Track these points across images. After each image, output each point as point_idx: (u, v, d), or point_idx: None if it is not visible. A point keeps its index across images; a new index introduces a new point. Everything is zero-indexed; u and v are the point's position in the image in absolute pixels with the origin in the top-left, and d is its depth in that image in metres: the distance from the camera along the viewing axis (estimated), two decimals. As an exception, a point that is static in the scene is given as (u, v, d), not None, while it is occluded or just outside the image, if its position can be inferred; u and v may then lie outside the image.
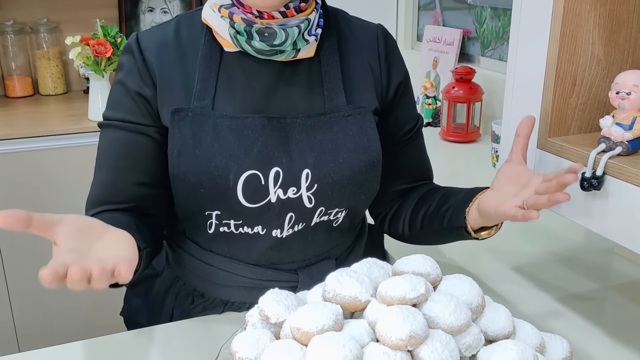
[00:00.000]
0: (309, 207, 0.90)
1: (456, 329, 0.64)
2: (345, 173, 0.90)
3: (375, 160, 0.93)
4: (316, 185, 0.89)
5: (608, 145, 0.82)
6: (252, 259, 0.95)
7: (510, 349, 0.61)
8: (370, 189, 0.95)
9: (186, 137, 0.87)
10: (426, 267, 0.73)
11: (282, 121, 0.89)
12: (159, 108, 0.90)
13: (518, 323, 0.70)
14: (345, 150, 0.90)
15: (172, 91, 0.89)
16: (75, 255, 0.65)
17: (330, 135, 0.90)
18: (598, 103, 0.91)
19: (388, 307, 0.64)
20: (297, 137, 0.89)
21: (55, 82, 2.53)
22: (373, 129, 0.93)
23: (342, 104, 0.91)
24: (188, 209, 0.92)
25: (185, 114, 0.87)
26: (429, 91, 2.11)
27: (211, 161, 0.86)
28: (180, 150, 0.87)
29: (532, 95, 0.91)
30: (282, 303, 0.72)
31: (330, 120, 0.90)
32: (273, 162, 0.87)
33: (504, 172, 0.86)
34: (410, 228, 1.04)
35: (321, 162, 0.89)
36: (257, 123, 0.87)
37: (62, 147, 2.05)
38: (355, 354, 0.59)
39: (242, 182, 0.86)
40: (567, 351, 0.70)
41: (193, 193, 0.88)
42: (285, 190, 0.88)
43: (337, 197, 0.92)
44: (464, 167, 1.80)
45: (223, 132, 0.87)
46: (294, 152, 0.88)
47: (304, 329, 0.63)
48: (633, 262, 1.15)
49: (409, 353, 0.61)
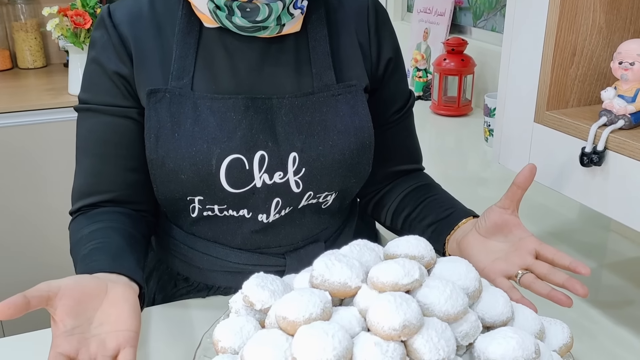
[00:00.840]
0: (296, 192, 0.86)
1: (452, 316, 0.60)
2: (336, 156, 0.85)
3: (367, 142, 0.88)
4: (304, 170, 0.84)
5: (609, 119, 0.79)
6: (236, 243, 0.91)
7: (510, 337, 0.58)
8: (361, 172, 0.91)
9: (164, 120, 0.81)
10: (420, 250, 0.69)
11: (267, 102, 0.83)
12: (137, 87, 0.84)
13: (516, 308, 0.67)
14: (336, 132, 0.85)
15: (149, 69, 0.83)
16: (76, 338, 0.64)
17: (319, 116, 0.85)
18: (599, 74, 0.88)
19: (380, 293, 0.61)
20: (283, 119, 0.83)
21: (34, 55, 2.46)
22: (365, 108, 0.88)
23: (331, 83, 0.86)
24: (169, 195, 0.87)
25: (162, 95, 0.82)
26: (420, 64, 2.06)
27: (191, 146, 0.81)
28: (158, 134, 0.82)
29: (529, 66, 0.88)
30: (267, 288, 0.68)
31: (319, 100, 0.85)
32: (258, 146, 0.82)
33: (493, 219, 0.79)
34: (391, 222, 1.00)
35: (309, 145, 0.84)
36: (240, 104, 0.82)
37: (41, 123, 2.00)
38: (344, 345, 0.55)
39: (225, 167, 0.81)
40: (568, 337, 0.67)
41: (173, 179, 0.83)
42: (271, 175, 0.84)
43: (327, 181, 0.87)
44: (455, 142, 1.77)
45: (203, 115, 0.81)
46: (280, 135, 0.83)
47: (289, 318, 0.59)
48: (628, 239, 1.13)
49: (402, 343, 0.57)
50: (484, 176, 1.48)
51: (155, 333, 0.87)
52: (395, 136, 0.98)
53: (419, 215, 0.94)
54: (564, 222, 1.21)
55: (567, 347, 0.66)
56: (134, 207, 0.89)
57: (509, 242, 0.78)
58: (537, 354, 0.58)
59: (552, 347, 0.65)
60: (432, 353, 0.56)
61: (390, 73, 0.94)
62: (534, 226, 1.19)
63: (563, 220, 1.22)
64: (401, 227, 0.98)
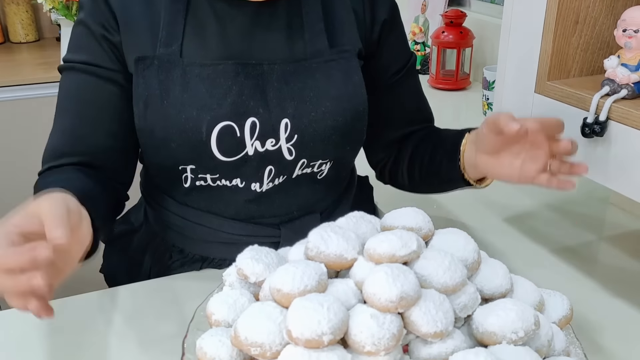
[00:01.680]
0: (289, 160, 0.85)
1: (450, 288, 0.59)
2: (329, 123, 0.84)
3: (360, 108, 0.87)
4: (296, 136, 0.83)
5: (612, 88, 0.78)
6: (230, 213, 0.90)
7: (510, 309, 0.57)
8: (356, 139, 0.90)
9: (152, 87, 0.80)
10: (417, 221, 0.67)
11: (259, 68, 0.82)
12: (125, 53, 0.82)
13: (516, 280, 0.66)
14: (329, 99, 0.83)
15: (137, 35, 0.81)
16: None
17: (312, 83, 0.83)
18: (602, 42, 0.86)
19: (376, 265, 0.59)
20: (275, 86, 0.82)
21: (25, 29, 2.43)
22: (358, 74, 0.86)
23: (324, 48, 0.85)
24: (160, 163, 0.86)
25: (150, 62, 0.80)
26: (418, 37, 2.03)
27: (181, 113, 0.79)
28: (147, 102, 0.80)
29: (530, 35, 0.86)
30: (262, 261, 0.67)
31: (312, 66, 0.84)
32: (249, 112, 0.81)
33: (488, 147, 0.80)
34: (409, 179, 0.99)
35: (302, 111, 0.82)
36: (230, 70, 0.80)
37: (34, 97, 1.98)
38: (340, 318, 0.54)
39: (216, 134, 0.80)
40: (568, 309, 0.66)
41: (163, 147, 0.82)
42: (262, 142, 0.82)
43: (320, 148, 0.86)
44: (453, 116, 1.76)
45: (193, 82, 0.80)
46: (272, 102, 0.82)
47: (284, 290, 0.58)
48: (628, 212, 1.13)
49: (399, 315, 0.56)
50: (483, 150, 1.47)
51: (149, 306, 0.86)
52: (399, 97, 0.96)
53: (430, 160, 0.93)
54: (564, 195, 1.20)
55: (566, 319, 0.65)
56: (107, 175, 0.86)
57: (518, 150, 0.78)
58: (536, 326, 0.57)
59: (552, 319, 0.65)
60: (430, 325, 0.55)
61: (387, 34, 0.92)
62: (533, 200, 1.18)
63: (563, 193, 1.21)
64: (420, 178, 0.97)
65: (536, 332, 0.58)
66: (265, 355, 0.56)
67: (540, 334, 0.58)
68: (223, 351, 0.60)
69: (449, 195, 1.03)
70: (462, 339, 0.57)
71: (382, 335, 0.54)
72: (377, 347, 0.54)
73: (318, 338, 0.53)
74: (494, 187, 0.92)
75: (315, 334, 0.53)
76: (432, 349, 0.56)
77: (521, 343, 0.57)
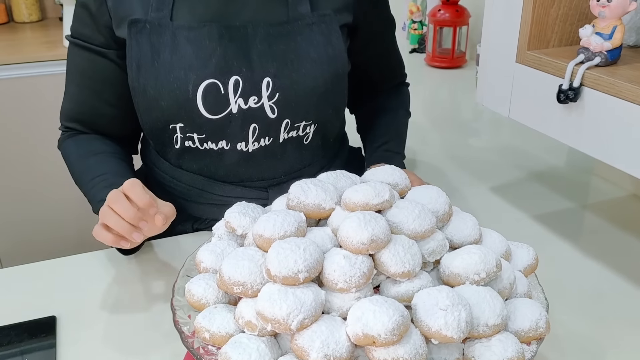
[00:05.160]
0: (272, 118, 0.88)
1: (420, 234, 0.63)
2: (308, 83, 0.88)
3: (340, 71, 0.90)
4: (278, 94, 0.87)
5: (587, 56, 0.80)
6: (220, 175, 0.94)
7: (473, 253, 0.61)
8: (337, 102, 0.94)
9: (144, 49, 0.85)
10: (394, 178, 0.71)
11: (242, 30, 0.86)
12: (118, 21, 0.86)
13: (485, 232, 0.69)
14: (309, 61, 0.87)
15: (130, 1, 0.86)
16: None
17: (294, 45, 0.87)
18: (580, 14, 0.88)
19: (351, 213, 0.63)
20: (258, 47, 0.86)
21: (29, 9, 2.45)
22: (338, 38, 0.90)
23: (306, 12, 0.88)
24: (153, 125, 0.91)
25: (142, 26, 0.85)
26: (415, 15, 2.05)
27: (170, 73, 0.84)
28: (139, 64, 0.85)
29: (512, 6, 0.88)
30: (249, 215, 0.71)
31: (294, 29, 0.87)
32: (232, 71, 0.85)
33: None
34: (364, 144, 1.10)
35: (283, 72, 0.86)
36: (214, 32, 0.85)
37: (37, 75, 2.00)
38: (315, 258, 0.58)
39: (201, 91, 0.84)
40: (533, 258, 0.69)
41: (154, 106, 0.87)
42: (245, 99, 0.86)
43: (303, 109, 0.89)
44: (448, 93, 1.78)
45: (181, 44, 0.84)
46: (255, 61, 0.86)
47: (265, 236, 0.62)
48: (610, 182, 1.15)
49: (370, 257, 0.60)
50: (475, 127, 1.50)
51: (147, 264, 0.91)
52: (373, 59, 1.03)
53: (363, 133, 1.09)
54: (550, 166, 1.23)
55: (532, 268, 0.69)
56: (115, 140, 0.97)
57: None
58: (498, 268, 0.61)
59: (518, 267, 0.68)
60: (398, 266, 0.59)
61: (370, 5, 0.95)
62: (520, 171, 1.21)
63: (549, 164, 1.24)
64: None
65: (498, 274, 0.61)
66: (247, 294, 0.60)
67: (502, 277, 0.62)
68: (209, 293, 0.64)
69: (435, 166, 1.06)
70: (428, 280, 0.61)
71: (353, 274, 0.57)
72: (349, 285, 0.57)
73: (294, 275, 0.57)
74: (480, 158, 0.94)
75: (291, 271, 0.56)
76: (400, 287, 0.60)
77: (483, 284, 0.60)
